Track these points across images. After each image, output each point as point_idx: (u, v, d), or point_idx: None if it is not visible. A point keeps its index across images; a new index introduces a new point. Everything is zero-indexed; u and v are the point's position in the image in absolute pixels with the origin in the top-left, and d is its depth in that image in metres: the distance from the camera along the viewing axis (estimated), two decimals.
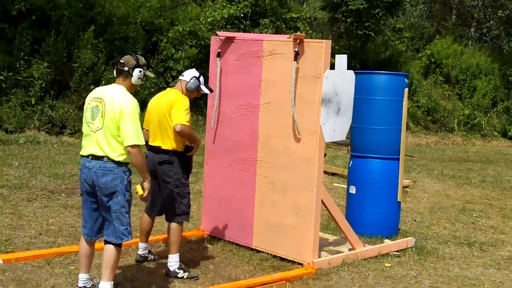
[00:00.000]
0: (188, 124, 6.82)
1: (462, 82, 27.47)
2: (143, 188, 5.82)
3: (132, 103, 5.76)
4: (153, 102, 7.11)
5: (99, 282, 5.95)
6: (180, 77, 7.23)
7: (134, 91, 6.05)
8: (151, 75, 6.31)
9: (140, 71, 5.96)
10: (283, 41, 7.61)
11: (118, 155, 5.72)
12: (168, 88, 7.30)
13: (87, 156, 5.80)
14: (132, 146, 5.66)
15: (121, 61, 5.98)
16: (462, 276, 7.53)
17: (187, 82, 7.09)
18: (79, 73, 16.55)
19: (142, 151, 5.78)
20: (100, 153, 5.73)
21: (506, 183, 14.49)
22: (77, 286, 6.02)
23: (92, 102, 5.85)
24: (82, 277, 6.02)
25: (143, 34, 18.73)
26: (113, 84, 5.99)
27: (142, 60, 6.05)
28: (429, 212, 11.00)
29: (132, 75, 5.93)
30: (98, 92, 5.92)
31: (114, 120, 5.68)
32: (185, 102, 6.90)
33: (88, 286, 6.03)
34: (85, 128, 5.88)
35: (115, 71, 6.04)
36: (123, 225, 5.81)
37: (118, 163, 5.74)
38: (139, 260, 7.22)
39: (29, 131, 15.52)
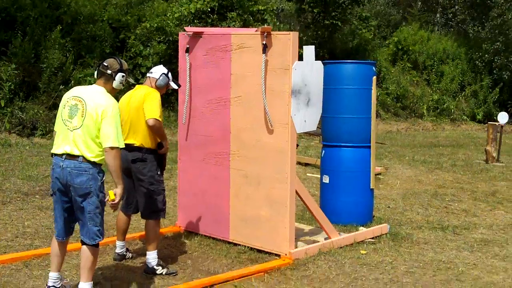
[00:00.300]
0: (160, 119, 6.86)
1: (429, 67, 27.75)
2: (115, 194, 5.77)
3: (115, 105, 5.75)
4: (124, 100, 7.11)
5: (69, 283, 6.04)
6: (148, 74, 7.24)
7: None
8: (132, 81, 6.31)
9: (123, 76, 5.96)
10: (250, 34, 7.65)
11: (95, 156, 5.68)
12: (137, 85, 7.29)
13: (61, 155, 5.73)
14: (112, 148, 5.64)
15: (104, 63, 5.96)
16: (436, 260, 7.64)
17: (156, 79, 7.11)
18: (48, 73, 16.45)
19: (120, 155, 5.74)
20: (76, 152, 5.67)
21: (476, 166, 14.68)
22: (47, 285, 5.99)
23: (71, 100, 5.79)
24: (52, 275, 5.98)
25: (110, 32, 18.68)
26: (94, 85, 5.95)
27: (126, 65, 6.06)
28: (402, 198, 11.12)
29: (114, 79, 5.92)
30: (78, 91, 5.88)
31: (95, 121, 5.64)
32: (157, 95, 6.93)
33: (58, 286, 5.98)
34: (60, 126, 5.81)
35: (96, 73, 6.00)
36: (96, 226, 5.78)
37: (93, 164, 5.70)
38: (117, 259, 7.23)
39: (0, 133, 15.42)
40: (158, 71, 7.17)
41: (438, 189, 11.98)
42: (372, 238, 8.38)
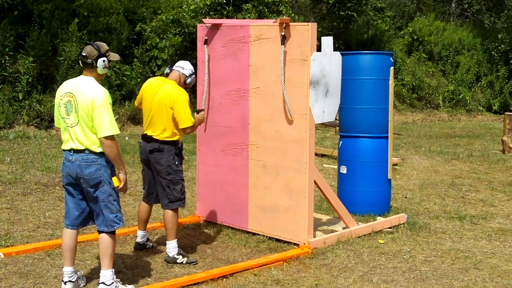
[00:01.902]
0: (193, 122, 6.97)
1: (445, 58, 27.64)
2: (119, 179, 5.86)
3: (103, 93, 5.76)
4: (149, 89, 7.08)
5: (83, 274, 6.21)
6: (178, 69, 7.13)
7: (122, 82, 6.02)
8: (116, 58, 6.17)
9: (104, 60, 5.88)
10: (269, 25, 7.69)
11: (98, 146, 5.76)
12: (163, 78, 7.21)
13: (69, 150, 5.84)
14: (106, 137, 5.69)
15: (83, 53, 5.89)
16: (454, 249, 7.68)
17: (186, 77, 7.10)
18: (65, 66, 16.56)
19: (116, 142, 5.80)
20: (80, 147, 5.77)
21: (493, 157, 14.66)
22: (62, 280, 6.01)
23: (64, 98, 5.84)
24: (67, 270, 6.01)
25: (127, 24, 18.75)
26: (81, 76, 5.94)
27: (104, 47, 5.96)
28: (419, 188, 11.14)
29: (97, 66, 5.87)
30: (67, 86, 5.88)
31: (88, 113, 5.70)
32: (185, 99, 6.93)
33: (73, 280, 6.03)
34: (62, 124, 5.89)
35: (80, 63, 5.97)
36: (113, 213, 5.88)
37: (100, 154, 5.78)
38: (138, 248, 7.31)
39: (18, 126, 15.58)
40: (188, 68, 7.14)
41: (455, 179, 11.99)
42: (390, 227, 8.42)
